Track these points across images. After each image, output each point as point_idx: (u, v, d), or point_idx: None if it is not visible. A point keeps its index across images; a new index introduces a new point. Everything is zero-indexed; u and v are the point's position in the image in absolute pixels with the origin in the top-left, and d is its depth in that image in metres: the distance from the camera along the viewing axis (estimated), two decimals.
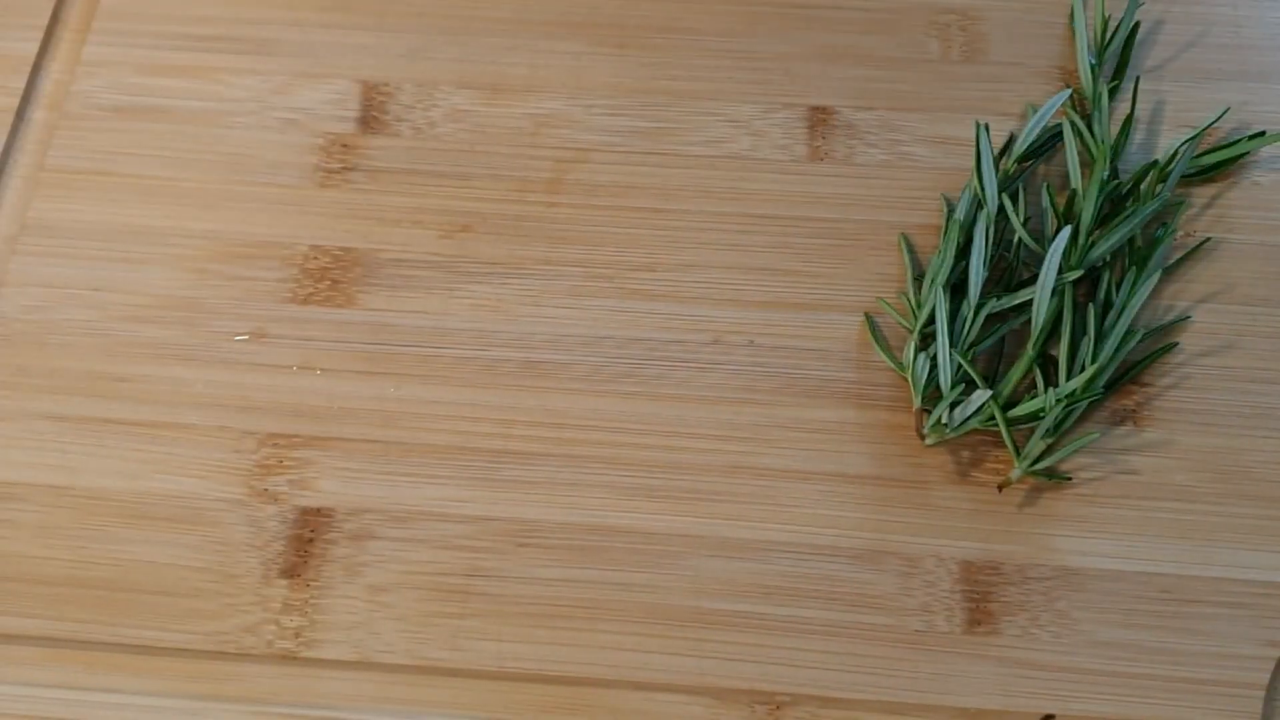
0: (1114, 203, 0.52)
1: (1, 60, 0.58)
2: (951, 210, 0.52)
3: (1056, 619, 0.46)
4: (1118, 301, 0.50)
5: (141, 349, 0.51)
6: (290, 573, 0.47)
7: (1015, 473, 0.48)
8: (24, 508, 0.48)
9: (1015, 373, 0.49)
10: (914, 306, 0.51)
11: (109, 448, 0.49)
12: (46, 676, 0.46)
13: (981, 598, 0.46)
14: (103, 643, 0.46)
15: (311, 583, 0.47)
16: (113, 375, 0.51)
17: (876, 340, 0.51)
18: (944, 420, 0.48)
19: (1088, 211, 0.50)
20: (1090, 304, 0.49)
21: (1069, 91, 0.54)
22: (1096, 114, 0.54)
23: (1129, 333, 0.49)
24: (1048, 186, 0.52)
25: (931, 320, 0.49)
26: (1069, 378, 0.48)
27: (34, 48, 0.58)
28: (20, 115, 0.57)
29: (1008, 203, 0.51)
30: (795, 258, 0.53)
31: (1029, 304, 0.49)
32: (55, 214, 0.54)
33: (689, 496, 0.48)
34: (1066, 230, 0.49)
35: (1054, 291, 0.49)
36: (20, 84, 0.57)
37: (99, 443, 0.49)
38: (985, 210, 0.51)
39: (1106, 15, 0.56)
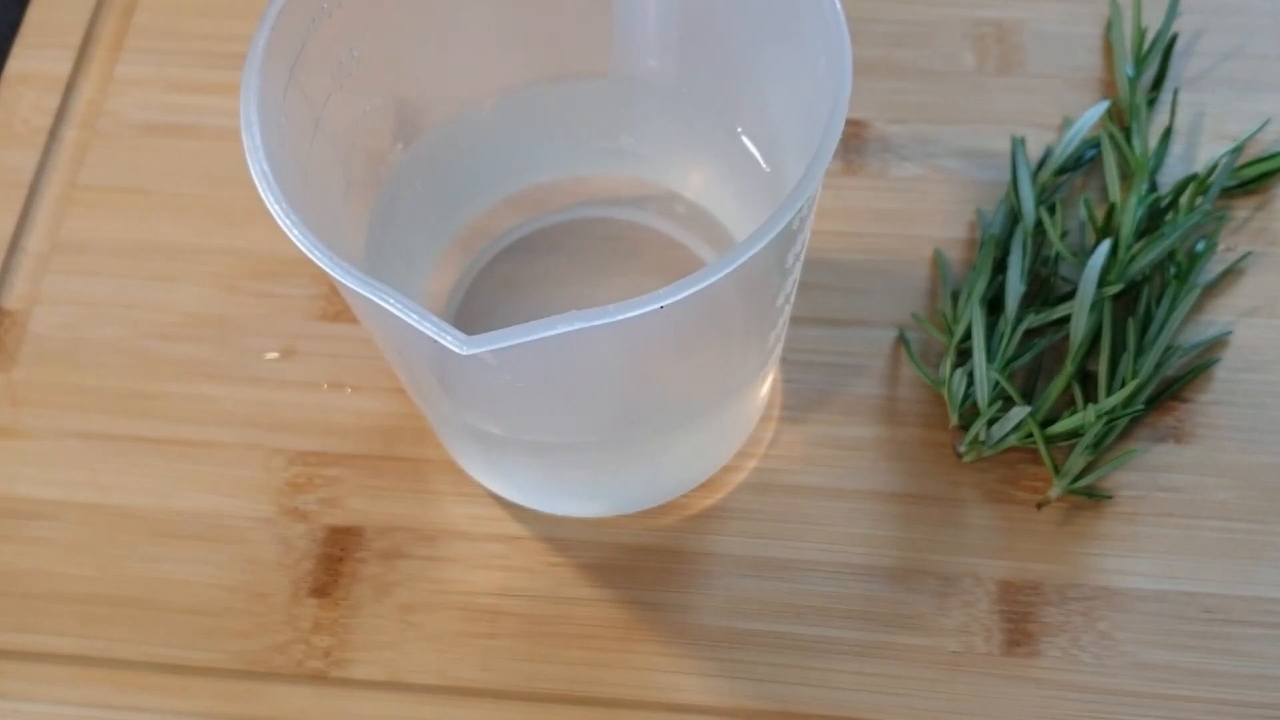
0: (1153, 216, 0.51)
1: (35, 79, 0.58)
2: (987, 224, 0.52)
3: (1097, 640, 0.45)
4: (1158, 316, 0.49)
5: (172, 366, 0.51)
6: (320, 592, 0.47)
7: (1054, 490, 0.47)
8: (54, 525, 0.48)
9: (1054, 389, 0.48)
10: (949, 322, 0.50)
11: (139, 465, 0.49)
12: (76, 695, 0.45)
13: (1020, 618, 0.46)
14: (132, 661, 0.46)
15: (341, 602, 0.47)
16: (143, 393, 0.51)
17: (911, 356, 0.50)
18: (981, 437, 0.47)
19: (1127, 225, 0.50)
20: (1130, 319, 0.48)
21: (1107, 103, 0.54)
22: (1135, 126, 0.53)
23: (1169, 348, 0.48)
24: (1086, 200, 0.51)
25: (968, 336, 0.49)
26: (1109, 394, 0.47)
27: (68, 67, 0.58)
28: (53, 134, 0.57)
29: (1045, 216, 0.50)
30: (828, 272, 0.52)
31: (1067, 319, 0.48)
32: (87, 232, 0.54)
33: (721, 514, 0.48)
34: (1105, 244, 0.48)
35: (1093, 306, 0.48)
36: (54, 103, 0.57)
37: (129, 460, 0.49)
38: (1022, 224, 0.50)
39: (1144, 26, 0.55)
